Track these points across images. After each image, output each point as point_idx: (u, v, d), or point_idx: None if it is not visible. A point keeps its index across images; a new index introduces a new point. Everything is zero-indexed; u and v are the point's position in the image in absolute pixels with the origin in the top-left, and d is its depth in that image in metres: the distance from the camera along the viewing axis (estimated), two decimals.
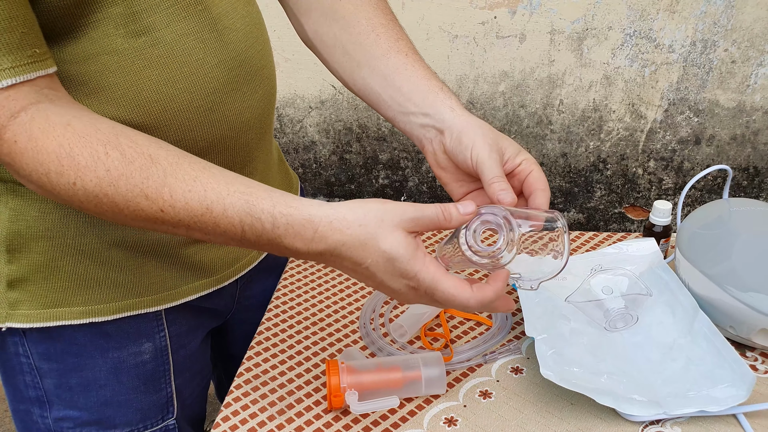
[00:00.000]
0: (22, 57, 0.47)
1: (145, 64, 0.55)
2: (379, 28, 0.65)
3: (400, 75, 0.62)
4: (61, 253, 0.61)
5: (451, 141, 0.58)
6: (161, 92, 0.56)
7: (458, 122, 0.59)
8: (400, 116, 0.63)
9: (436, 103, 0.60)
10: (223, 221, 0.49)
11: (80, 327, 0.63)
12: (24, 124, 0.48)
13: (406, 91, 0.62)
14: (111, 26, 0.53)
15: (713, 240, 0.68)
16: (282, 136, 1.72)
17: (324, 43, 0.68)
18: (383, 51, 0.64)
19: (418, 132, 0.62)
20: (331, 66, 0.69)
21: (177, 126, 0.58)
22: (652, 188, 1.69)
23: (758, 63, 1.52)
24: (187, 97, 0.57)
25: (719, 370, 0.58)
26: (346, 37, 0.66)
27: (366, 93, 0.65)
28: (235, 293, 0.76)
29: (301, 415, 0.60)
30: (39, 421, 0.67)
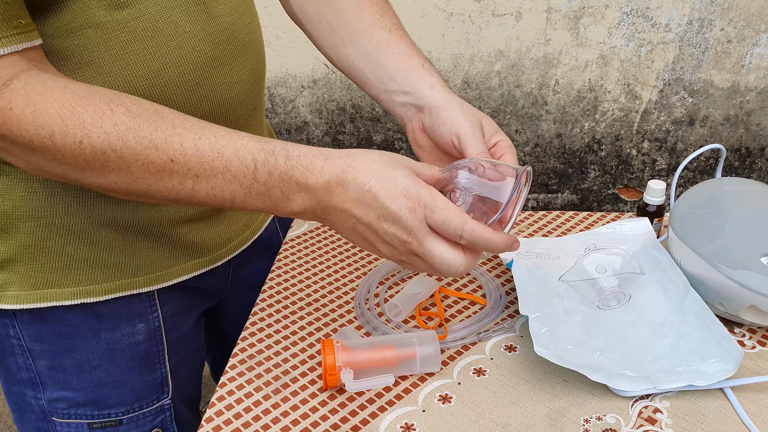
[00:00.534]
0: (8, 28, 0.46)
1: (129, 38, 0.54)
2: (363, 3, 0.65)
3: (383, 52, 0.62)
4: (49, 233, 0.60)
5: (430, 117, 0.59)
6: (147, 66, 0.55)
7: (437, 99, 0.59)
8: (383, 95, 0.63)
9: (416, 81, 0.60)
10: (234, 162, 0.49)
11: (71, 308, 0.63)
12: (19, 90, 0.47)
13: (389, 68, 0.62)
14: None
15: (705, 219, 0.68)
16: (274, 116, 1.70)
17: (309, 18, 0.68)
18: (367, 27, 0.64)
19: (399, 110, 0.62)
20: (317, 42, 0.69)
21: (165, 101, 0.57)
22: (646, 169, 1.70)
23: (753, 43, 1.51)
24: (175, 71, 0.57)
25: (708, 346, 0.59)
26: (331, 13, 0.66)
27: (351, 71, 0.65)
28: (229, 273, 0.76)
29: (297, 394, 0.61)
30: (33, 402, 0.67)
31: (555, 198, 1.77)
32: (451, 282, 0.76)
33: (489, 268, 0.78)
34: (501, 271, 0.78)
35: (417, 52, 0.63)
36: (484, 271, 0.77)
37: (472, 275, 0.77)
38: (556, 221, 0.87)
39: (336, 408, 0.59)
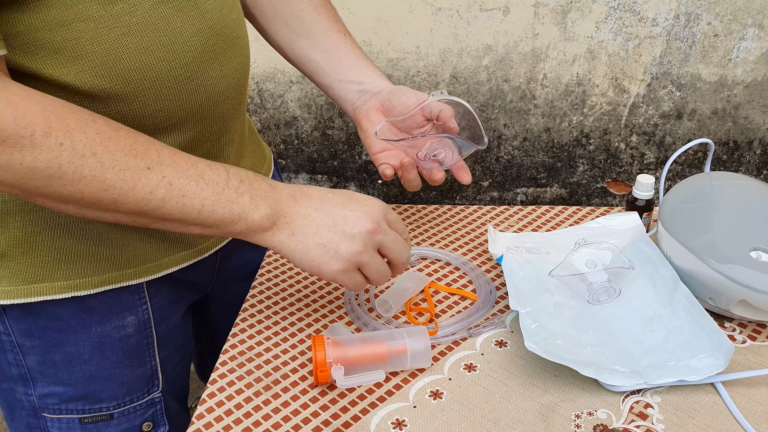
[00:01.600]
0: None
1: (122, 32, 0.54)
2: (319, 8, 0.75)
3: (339, 51, 0.74)
4: (38, 227, 0.60)
5: (389, 94, 0.72)
6: (140, 61, 0.55)
7: (389, 86, 0.73)
8: (336, 83, 0.75)
9: (370, 75, 0.74)
10: (207, 172, 0.54)
11: (62, 302, 0.62)
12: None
13: (345, 64, 0.74)
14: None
15: (694, 213, 0.68)
16: (263, 111, 1.69)
17: (263, 13, 0.76)
18: (324, 29, 0.75)
19: (352, 96, 0.74)
20: (269, 35, 0.78)
21: (156, 95, 0.57)
22: (635, 163, 1.71)
23: (740, 37, 1.52)
24: (166, 66, 0.57)
25: (698, 341, 0.59)
26: (288, 11, 0.75)
27: (305, 61, 0.76)
28: (215, 265, 0.76)
29: (288, 390, 0.61)
30: (23, 399, 0.67)
31: (544, 192, 1.77)
32: (441, 277, 0.76)
33: (479, 263, 0.78)
34: (491, 266, 0.77)
35: (365, 55, 0.76)
36: (474, 266, 0.77)
37: (462, 270, 0.77)
38: (546, 216, 0.87)
39: (327, 404, 0.59)
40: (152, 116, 0.58)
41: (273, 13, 0.75)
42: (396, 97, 0.71)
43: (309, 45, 0.75)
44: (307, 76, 0.77)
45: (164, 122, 0.59)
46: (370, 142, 0.73)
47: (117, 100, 0.55)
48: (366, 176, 1.72)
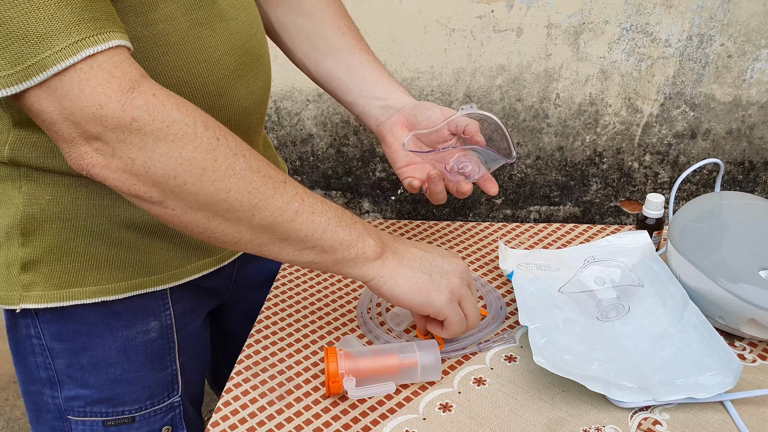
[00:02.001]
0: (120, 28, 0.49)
1: (163, 51, 0.57)
2: (343, 28, 0.77)
3: (363, 68, 0.76)
4: (73, 234, 0.63)
5: (414, 109, 0.73)
6: (177, 77, 0.59)
7: (413, 101, 0.75)
8: (360, 99, 0.76)
9: (395, 92, 0.76)
10: (328, 201, 0.58)
11: (91, 306, 0.65)
12: (155, 86, 0.49)
13: (369, 81, 0.76)
14: (130, 14, 0.55)
15: (704, 232, 0.69)
16: (279, 128, 1.73)
17: (288, 32, 0.78)
18: (349, 47, 0.76)
19: (376, 112, 0.75)
20: (294, 54, 0.79)
21: None
22: (648, 182, 1.71)
23: (754, 57, 1.53)
24: (200, 82, 0.60)
25: (707, 359, 0.60)
26: (313, 31, 0.77)
27: (329, 79, 0.77)
28: (232, 273, 0.78)
29: (300, 400, 0.62)
30: (49, 401, 0.69)
31: (557, 210, 1.78)
32: None
33: (490, 279, 0.79)
34: (501, 282, 0.78)
35: (387, 72, 0.78)
36: (485, 282, 0.78)
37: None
38: (557, 233, 0.88)
39: (338, 415, 0.60)
40: None
41: (298, 32, 0.77)
42: (421, 111, 0.72)
43: (333, 63, 0.76)
44: (330, 94, 0.78)
45: None
46: (395, 157, 0.74)
47: None
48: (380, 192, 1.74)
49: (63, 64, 0.44)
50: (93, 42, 0.45)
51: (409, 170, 0.73)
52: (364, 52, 0.77)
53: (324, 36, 0.76)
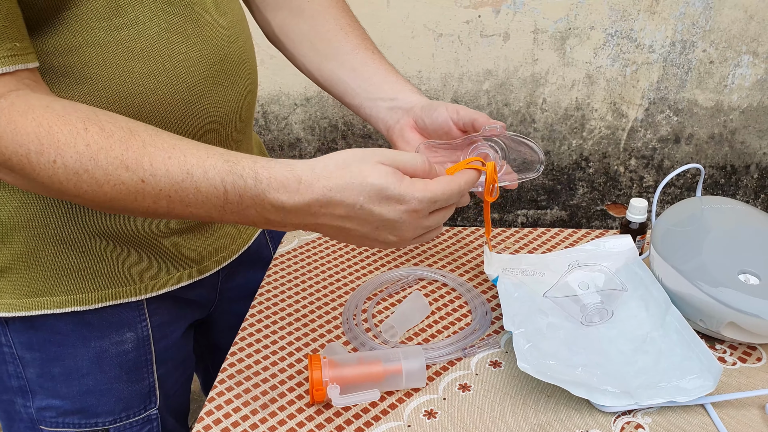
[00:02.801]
0: (2, 50, 0.48)
1: (127, 57, 0.56)
2: (346, 28, 0.73)
3: (368, 68, 0.71)
4: (42, 242, 0.61)
5: (422, 111, 0.67)
6: (143, 84, 0.57)
7: (423, 100, 0.69)
8: (366, 102, 0.71)
9: (402, 90, 0.70)
10: (204, 185, 0.48)
11: (62, 316, 0.64)
12: (3, 109, 0.48)
13: (375, 81, 0.70)
14: (94, 19, 0.54)
15: (685, 237, 0.70)
16: (267, 133, 1.72)
17: (290, 38, 0.74)
18: (352, 47, 0.72)
19: (384, 114, 0.70)
20: (297, 59, 0.75)
21: (158, 118, 0.59)
22: (633, 186, 1.72)
23: (735, 63, 1.55)
24: (169, 90, 0.58)
25: (688, 362, 0.60)
26: (315, 34, 0.73)
27: (333, 82, 0.73)
28: (217, 284, 0.77)
29: (284, 408, 0.62)
30: (22, 411, 0.68)
31: (544, 214, 1.79)
32: (437, 298, 0.77)
33: (475, 284, 0.79)
34: (487, 287, 0.79)
35: (395, 70, 0.72)
36: (470, 287, 0.78)
37: (458, 291, 0.78)
38: (542, 238, 0.89)
39: (323, 423, 0.60)
40: None
41: (300, 37, 0.73)
42: (428, 113, 0.66)
43: (337, 65, 0.71)
44: (337, 99, 0.74)
45: None
46: None
47: None
48: None
49: None
50: None
51: None
52: (369, 51, 0.72)
53: (326, 38, 0.72)
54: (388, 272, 0.81)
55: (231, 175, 0.48)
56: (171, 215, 0.51)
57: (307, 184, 0.48)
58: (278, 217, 0.50)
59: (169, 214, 0.51)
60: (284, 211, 0.49)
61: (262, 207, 0.49)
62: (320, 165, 0.49)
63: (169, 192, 0.49)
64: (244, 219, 0.51)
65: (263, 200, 0.49)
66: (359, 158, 0.50)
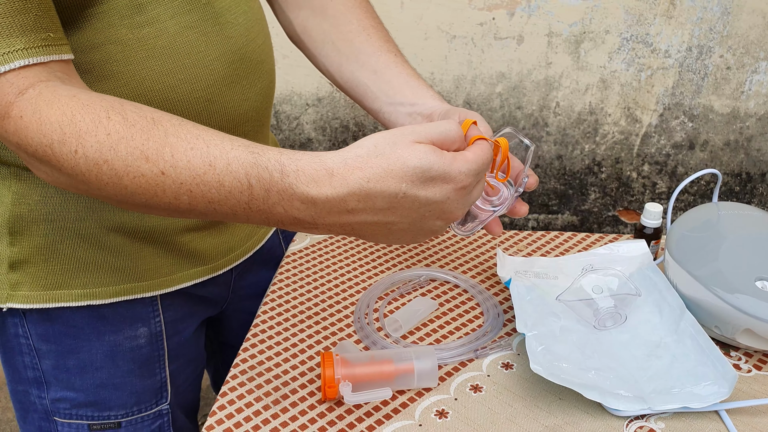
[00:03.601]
0: (35, 39, 0.47)
1: (148, 55, 0.56)
2: (369, 29, 0.71)
3: (390, 71, 0.68)
4: (61, 236, 0.62)
5: (439, 117, 0.64)
6: (163, 82, 0.58)
7: (444, 106, 0.66)
8: (386, 107, 0.68)
9: (423, 95, 0.67)
10: (227, 178, 0.45)
11: (78, 309, 0.65)
12: (31, 99, 0.47)
13: (396, 84, 0.68)
14: (116, 17, 0.54)
15: (701, 242, 0.69)
16: (278, 132, 1.73)
17: (312, 38, 0.72)
18: (374, 49, 0.69)
19: (404, 120, 0.67)
20: (318, 59, 0.73)
21: (177, 115, 0.59)
22: (646, 192, 1.71)
23: (753, 70, 1.53)
24: (188, 88, 0.59)
25: (702, 368, 0.60)
26: (336, 34, 0.71)
27: (353, 84, 0.70)
28: (230, 282, 0.77)
29: (296, 405, 0.62)
30: (36, 401, 0.69)
31: (555, 219, 1.78)
32: (449, 299, 0.77)
33: (488, 287, 0.79)
34: (499, 290, 0.79)
35: (417, 74, 0.70)
36: (482, 289, 0.78)
37: (471, 293, 0.78)
38: (555, 242, 0.88)
39: (334, 420, 0.60)
40: None
41: (322, 37, 0.72)
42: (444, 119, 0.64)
43: (357, 67, 0.69)
44: (357, 102, 0.72)
45: None
46: None
47: None
48: None
49: None
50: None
51: None
52: (392, 54, 0.69)
53: (348, 39, 0.70)
54: (400, 272, 0.81)
55: (256, 167, 0.45)
56: (194, 213, 0.48)
57: (340, 176, 0.44)
58: (308, 215, 0.46)
59: (192, 211, 0.48)
60: (315, 207, 0.45)
61: (290, 203, 0.46)
62: (351, 155, 0.45)
63: (191, 186, 0.46)
64: (272, 218, 0.47)
65: (291, 195, 0.45)
66: (392, 142, 0.45)
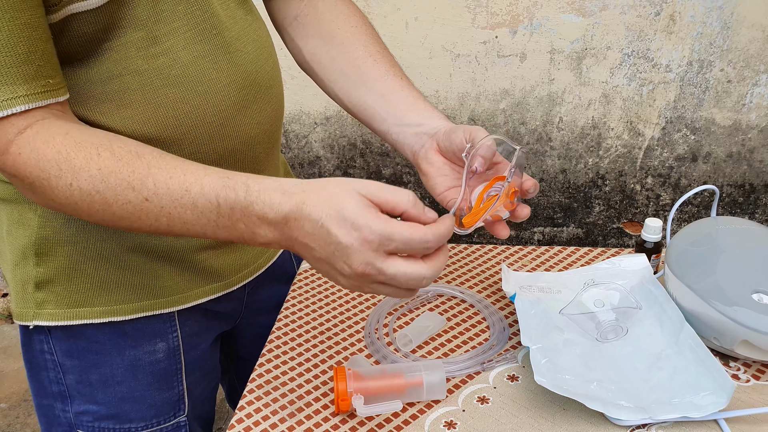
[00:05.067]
0: (36, 86, 0.53)
1: (163, 83, 0.60)
2: (376, 55, 0.74)
3: (396, 95, 0.72)
4: (83, 257, 0.66)
5: (443, 135, 0.67)
6: (178, 109, 0.61)
7: (448, 124, 0.69)
8: (394, 128, 0.72)
9: (429, 116, 0.71)
10: (200, 199, 0.52)
11: (100, 326, 0.68)
12: (28, 138, 0.53)
13: (403, 107, 0.72)
14: (133, 49, 0.58)
15: (700, 256, 0.72)
16: (288, 151, 1.77)
17: (321, 65, 0.76)
18: (381, 74, 0.73)
19: (410, 140, 0.71)
20: (327, 85, 0.77)
21: (191, 139, 0.63)
22: (650, 204, 1.73)
23: (753, 83, 1.56)
24: (201, 113, 0.62)
25: (702, 379, 0.62)
26: (345, 61, 0.74)
27: (362, 108, 0.74)
28: (243, 298, 0.80)
29: (310, 417, 0.64)
30: (60, 415, 0.72)
31: (560, 232, 1.80)
32: (456, 314, 0.79)
33: (493, 301, 0.82)
34: (504, 304, 0.81)
35: (423, 97, 0.73)
36: (488, 303, 0.81)
37: (477, 308, 0.80)
38: (558, 256, 0.91)
39: (347, 431, 0.62)
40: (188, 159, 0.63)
41: (331, 65, 0.75)
42: (448, 137, 0.67)
43: (366, 92, 0.73)
44: (365, 124, 0.75)
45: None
46: (433, 184, 0.68)
47: (156, 143, 0.60)
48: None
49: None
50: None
51: (451, 193, 0.67)
52: (398, 78, 0.73)
53: (356, 65, 0.74)
54: None
55: (224, 189, 0.51)
56: (171, 233, 0.55)
57: (288, 195, 0.50)
58: (264, 232, 0.52)
59: (169, 232, 0.54)
60: (267, 224, 0.51)
61: (250, 220, 0.51)
62: (306, 182, 0.51)
63: (170, 209, 0.53)
64: (235, 233, 0.53)
65: (250, 212, 0.51)
66: (341, 182, 0.51)
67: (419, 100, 0.72)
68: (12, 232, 0.66)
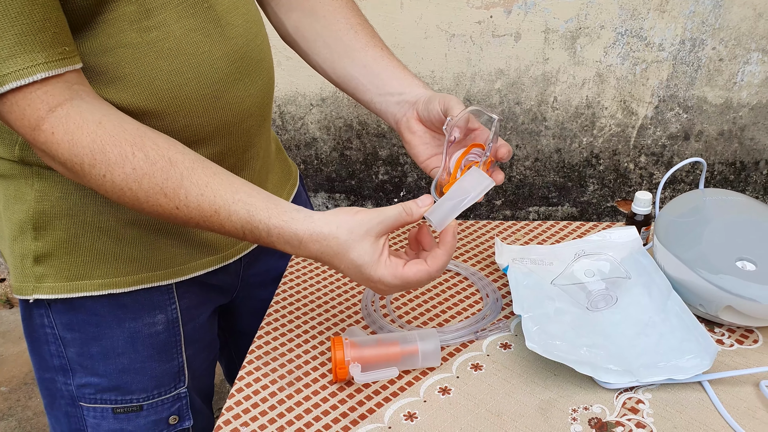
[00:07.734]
0: (54, 54, 0.54)
1: (157, 56, 0.61)
2: (356, 26, 0.77)
3: (378, 64, 0.75)
4: (81, 230, 0.67)
5: (423, 104, 0.70)
6: (172, 81, 0.62)
7: (427, 93, 0.72)
8: (377, 97, 0.75)
9: (410, 84, 0.73)
10: (227, 224, 0.59)
11: (99, 298, 0.69)
12: (61, 118, 0.54)
13: (384, 77, 0.74)
14: (126, 22, 0.59)
15: (687, 227, 0.73)
16: (284, 132, 1.77)
17: (305, 38, 0.78)
18: (362, 45, 0.76)
19: (393, 108, 0.74)
20: (311, 58, 0.79)
21: (186, 112, 0.64)
22: (643, 182, 1.75)
23: (744, 61, 1.57)
24: (195, 86, 0.63)
25: (687, 344, 0.64)
26: (327, 33, 0.77)
27: (346, 80, 0.77)
28: (240, 271, 0.82)
29: (309, 386, 0.66)
30: (62, 388, 0.73)
31: (555, 210, 1.82)
32: (451, 286, 0.81)
33: (486, 274, 0.84)
34: (498, 276, 0.83)
35: (403, 65, 0.76)
36: (482, 276, 0.83)
37: (471, 280, 0.82)
38: (551, 230, 0.92)
39: (345, 398, 0.64)
40: (182, 131, 0.64)
41: (314, 36, 0.77)
42: (426, 106, 0.70)
43: (349, 63, 0.75)
44: (349, 95, 0.78)
45: (193, 137, 0.65)
46: (416, 151, 0.72)
47: (150, 116, 0.62)
48: (383, 195, 1.78)
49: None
50: (16, 77, 0.53)
51: (434, 161, 0.71)
52: (378, 48, 0.76)
53: (338, 36, 0.76)
54: None
55: (249, 225, 0.59)
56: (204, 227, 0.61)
57: (305, 246, 0.59)
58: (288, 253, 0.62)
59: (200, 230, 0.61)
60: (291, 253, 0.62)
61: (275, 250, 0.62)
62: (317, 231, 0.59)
63: (198, 221, 0.59)
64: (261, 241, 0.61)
65: (273, 247, 0.61)
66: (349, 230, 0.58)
67: (399, 68, 0.75)
68: (9, 207, 0.68)
